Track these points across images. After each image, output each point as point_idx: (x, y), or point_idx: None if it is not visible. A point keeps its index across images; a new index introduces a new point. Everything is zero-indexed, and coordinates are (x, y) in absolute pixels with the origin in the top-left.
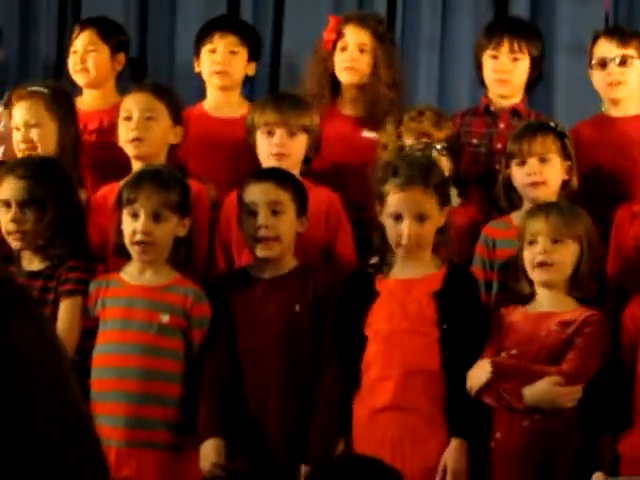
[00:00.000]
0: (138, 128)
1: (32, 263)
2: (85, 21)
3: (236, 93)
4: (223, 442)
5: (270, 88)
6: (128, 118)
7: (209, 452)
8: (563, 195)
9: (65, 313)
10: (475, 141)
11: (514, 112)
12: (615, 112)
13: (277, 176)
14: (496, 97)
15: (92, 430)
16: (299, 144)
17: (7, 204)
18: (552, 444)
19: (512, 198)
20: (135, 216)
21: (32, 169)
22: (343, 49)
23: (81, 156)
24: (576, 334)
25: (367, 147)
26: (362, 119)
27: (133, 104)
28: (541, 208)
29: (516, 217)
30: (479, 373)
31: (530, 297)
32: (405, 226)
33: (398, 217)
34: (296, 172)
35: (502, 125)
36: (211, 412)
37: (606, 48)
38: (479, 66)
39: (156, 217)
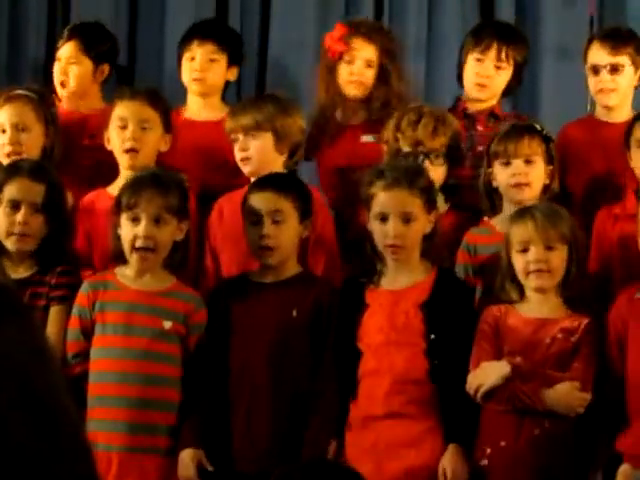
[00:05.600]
0: (134, 139)
1: (17, 270)
2: (71, 30)
3: (216, 98)
4: (202, 452)
5: (257, 90)
6: (123, 127)
7: (187, 462)
8: (545, 199)
9: (56, 318)
10: None
11: (491, 114)
12: (605, 117)
13: (278, 184)
14: (472, 100)
15: (82, 437)
16: (261, 145)
17: (15, 205)
18: (555, 450)
19: (494, 200)
20: (136, 221)
21: (43, 172)
22: (350, 62)
23: (65, 161)
24: (580, 342)
25: (369, 151)
26: (361, 126)
27: (128, 113)
28: (525, 212)
29: (497, 222)
30: (490, 374)
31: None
32: (390, 226)
33: (384, 218)
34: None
35: (480, 128)
36: (196, 421)
37: (598, 55)
38: (461, 65)
39: (157, 221)
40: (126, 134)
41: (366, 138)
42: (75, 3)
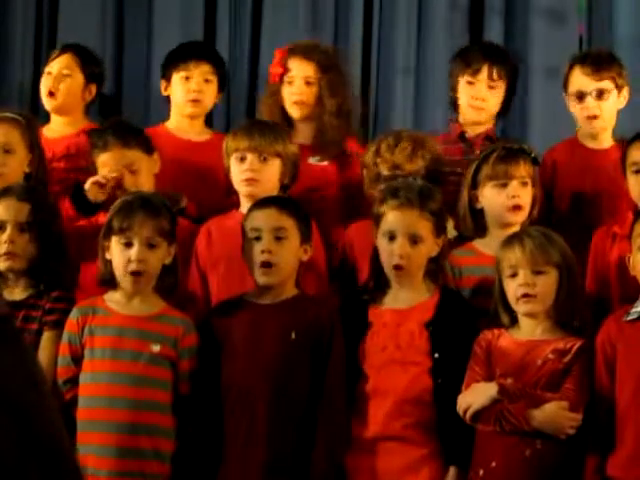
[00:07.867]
0: (131, 185)
1: (13, 292)
2: (66, 45)
3: (201, 120)
4: None
5: (247, 112)
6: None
7: None
8: (527, 222)
9: (48, 345)
10: (449, 169)
11: (487, 138)
12: (590, 143)
13: (281, 203)
14: (469, 123)
15: (75, 462)
16: (271, 170)
17: (2, 226)
18: (547, 471)
19: (480, 223)
20: (128, 245)
21: (30, 192)
22: (290, 83)
23: (49, 184)
24: (572, 363)
25: (314, 174)
26: (310, 147)
27: (114, 163)
28: (515, 238)
29: (479, 244)
30: (478, 394)
31: (511, 323)
32: (398, 245)
33: (392, 237)
34: None
35: (478, 152)
36: (189, 451)
37: (582, 81)
38: (454, 89)
39: (150, 245)
40: (124, 183)
41: (314, 161)
42: (62, 28)
